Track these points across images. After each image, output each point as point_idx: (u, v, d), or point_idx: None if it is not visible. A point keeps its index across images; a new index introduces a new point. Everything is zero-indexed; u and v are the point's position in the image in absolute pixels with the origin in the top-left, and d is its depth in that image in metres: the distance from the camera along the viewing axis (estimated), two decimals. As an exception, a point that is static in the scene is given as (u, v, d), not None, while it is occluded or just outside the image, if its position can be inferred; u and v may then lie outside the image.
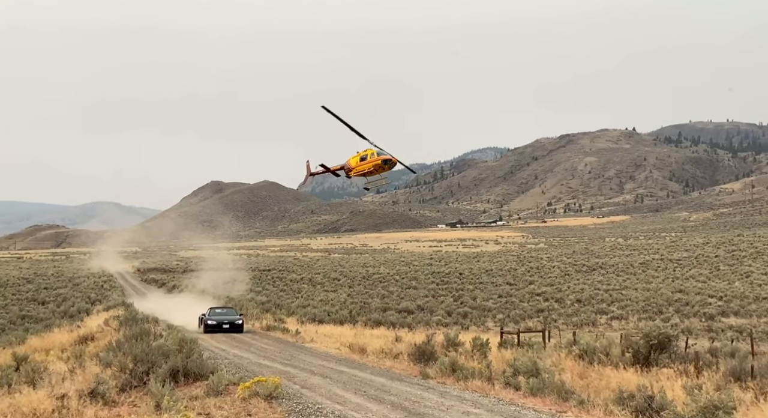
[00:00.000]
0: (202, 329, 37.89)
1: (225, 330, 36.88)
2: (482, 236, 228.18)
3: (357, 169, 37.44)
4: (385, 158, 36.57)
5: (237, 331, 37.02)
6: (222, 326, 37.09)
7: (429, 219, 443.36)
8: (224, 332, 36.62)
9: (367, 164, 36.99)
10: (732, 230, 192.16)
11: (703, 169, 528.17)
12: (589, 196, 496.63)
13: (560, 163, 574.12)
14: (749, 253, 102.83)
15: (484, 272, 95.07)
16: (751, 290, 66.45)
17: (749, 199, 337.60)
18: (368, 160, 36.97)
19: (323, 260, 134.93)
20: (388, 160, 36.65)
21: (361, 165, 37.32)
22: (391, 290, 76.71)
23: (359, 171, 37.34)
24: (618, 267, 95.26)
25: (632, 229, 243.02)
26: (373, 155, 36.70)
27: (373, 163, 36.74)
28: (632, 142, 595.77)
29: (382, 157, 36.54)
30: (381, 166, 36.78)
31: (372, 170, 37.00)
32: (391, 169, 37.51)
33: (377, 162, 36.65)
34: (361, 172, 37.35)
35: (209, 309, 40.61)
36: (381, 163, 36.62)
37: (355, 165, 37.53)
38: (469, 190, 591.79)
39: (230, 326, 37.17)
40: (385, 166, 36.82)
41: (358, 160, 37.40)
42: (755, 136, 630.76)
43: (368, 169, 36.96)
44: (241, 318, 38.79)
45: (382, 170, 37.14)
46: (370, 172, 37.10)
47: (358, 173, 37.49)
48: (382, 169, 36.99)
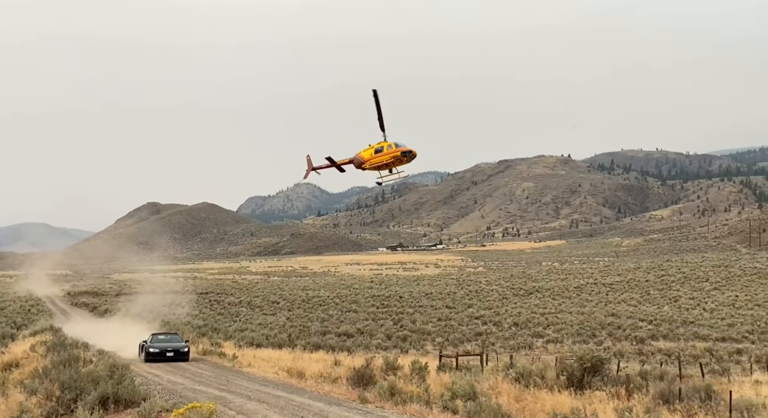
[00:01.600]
0: (142, 357, 35.38)
1: (169, 359, 34.14)
2: (422, 260, 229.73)
3: (372, 161, 35.09)
4: (405, 150, 34.56)
5: (182, 359, 34.42)
6: (165, 354, 34.41)
7: (370, 242, 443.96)
8: (168, 360, 33.98)
9: (384, 156, 34.80)
10: (661, 255, 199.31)
11: (634, 196, 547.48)
12: (527, 221, 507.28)
13: (499, 188, 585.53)
14: (677, 278, 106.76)
15: (423, 295, 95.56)
16: (679, 314, 68.88)
17: (677, 225, 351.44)
18: (385, 151, 34.79)
19: (262, 283, 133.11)
20: (408, 152, 34.63)
21: (377, 157, 35.03)
22: (331, 313, 76.18)
23: (375, 163, 35.05)
24: (554, 291, 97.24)
25: (567, 253, 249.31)
26: (391, 147, 34.67)
27: (391, 154, 34.64)
28: (568, 168, 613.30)
29: (401, 149, 34.57)
30: (399, 159, 34.77)
31: (389, 162, 34.89)
32: (410, 162, 35.33)
33: (396, 154, 34.61)
34: (376, 165, 35.11)
35: (151, 335, 37.76)
36: (400, 155, 34.60)
37: (369, 157, 35.20)
38: (410, 213, 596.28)
39: (175, 354, 34.52)
40: (404, 159, 34.82)
41: (373, 153, 35.15)
42: (683, 164, 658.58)
43: (386, 161, 34.82)
44: (187, 345, 36.14)
45: (400, 163, 35.05)
46: (387, 164, 35.02)
47: (374, 165, 35.16)
48: (400, 162, 34.94)
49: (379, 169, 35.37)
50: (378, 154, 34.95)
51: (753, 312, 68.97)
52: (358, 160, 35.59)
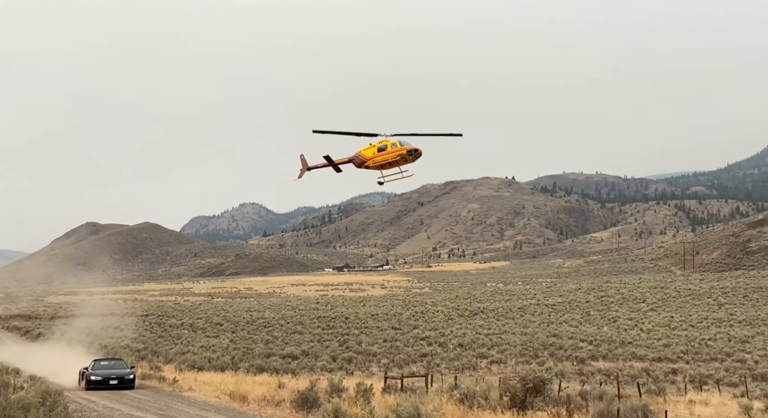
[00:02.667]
0: (83, 385, 33.22)
1: (113, 387, 32.03)
2: (369, 280, 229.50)
3: (375, 160, 34.07)
4: (411, 148, 33.60)
5: (127, 387, 32.44)
6: (108, 382, 32.35)
7: (316, 263, 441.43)
8: (112, 389, 31.95)
9: (388, 154, 33.85)
10: (601, 276, 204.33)
11: (575, 218, 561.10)
12: (472, 242, 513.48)
13: (445, 210, 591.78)
14: (616, 299, 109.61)
15: (369, 316, 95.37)
16: (618, 334, 70.60)
17: (616, 247, 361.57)
18: (389, 150, 33.86)
19: (206, 305, 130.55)
20: (414, 150, 33.68)
21: (381, 156, 34.02)
22: (276, 334, 75.22)
23: (378, 162, 34.05)
24: (498, 312, 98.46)
25: (512, 274, 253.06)
26: (395, 145, 33.73)
27: (397, 153, 33.67)
28: (512, 190, 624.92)
29: (407, 148, 33.60)
30: (405, 157, 33.74)
31: (394, 161, 33.93)
32: (415, 160, 34.33)
33: (402, 152, 33.62)
34: (379, 164, 34.10)
35: (93, 362, 35.34)
36: (406, 153, 33.59)
37: (372, 156, 34.21)
38: (357, 234, 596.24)
39: (119, 382, 32.50)
40: (410, 157, 33.82)
41: (375, 151, 34.17)
42: (621, 188, 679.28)
43: (390, 159, 33.84)
44: (133, 372, 34.22)
45: (405, 162, 33.99)
46: (391, 163, 34.01)
47: (377, 164, 34.14)
48: (405, 160, 33.90)
49: (383, 168, 34.49)
50: (381, 152, 34.13)
51: (687, 333, 71.25)
52: (359, 159, 34.71)
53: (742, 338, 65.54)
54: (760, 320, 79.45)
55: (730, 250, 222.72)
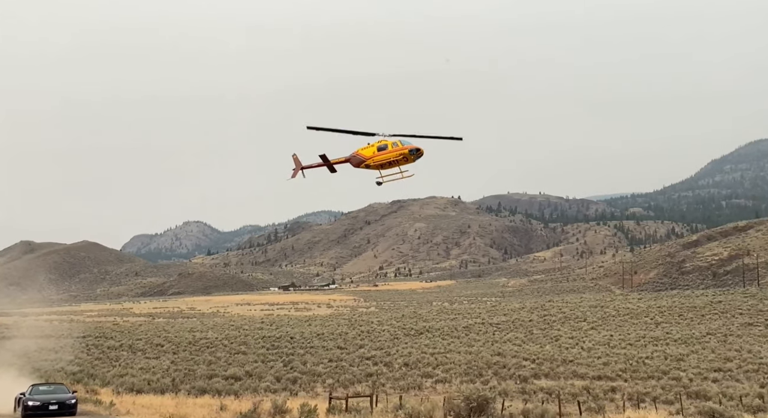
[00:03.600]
0: (20, 411, 31.78)
1: (53, 413, 30.66)
2: (315, 300, 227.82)
3: (375, 159, 33.35)
4: (413, 148, 32.96)
5: (69, 413, 31.09)
6: (48, 408, 30.88)
7: (261, 282, 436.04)
8: (52, 415, 30.62)
9: (389, 154, 33.13)
10: (544, 295, 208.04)
11: (519, 238, 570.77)
12: (419, 261, 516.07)
13: (392, 228, 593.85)
14: (558, 318, 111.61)
15: (315, 335, 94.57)
16: (560, 353, 71.87)
17: (558, 267, 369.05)
18: (390, 149, 33.14)
19: (146, 325, 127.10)
20: (416, 150, 33.04)
21: (381, 155, 33.29)
22: (219, 355, 73.79)
23: (378, 162, 33.34)
24: (443, 331, 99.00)
25: (457, 293, 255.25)
26: (396, 145, 33.09)
27: (398, 152, 32.96)
28: (458, 209, 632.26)
29: (409, 147, 32.95)
30: (406, 157, 33.09)
31: (395, 161, 33.26)
32: (416, 160, 33.67)
33: (403, 151, 32.94)
34: (379, 163, 33.40)
35: (31, 386, 33.73)
36: (407, 153, 32.93)
37: (372, 155, 33.50)
38: (303, 252, 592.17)
39: (59, 407, 30.99)
40: (411, 157, 33.19)
41: (375, 150, 33.49)
42: (563, 208, 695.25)
43: (392, 159, 33.14)
44: (74, 397, 32.64)
45: (406, 162, 33.32)
46: (391, 163, 33.35)
47: (377, 163, 33.40)
48: (406, 160, 33.24)
49: (382, 168, 33.87)
50: (382, 151, 33.53)
51: (626, 351, 73.07)
52: (357, 158, 34.11)
53: (677, 356, 67.58)
54: (695, 338, 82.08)
55: (666, 270, 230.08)
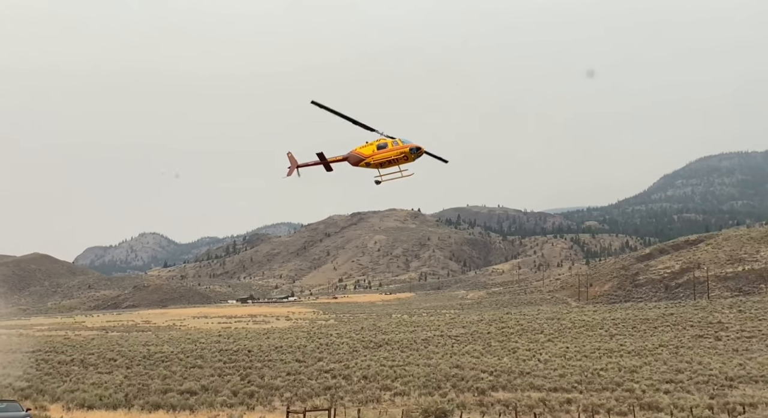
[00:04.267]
0: None
1: None
2: (273, 312, 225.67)
3: (375, 157, 32.86)
4: (414, 146, 32.59)
5: None
6: None
7: (219, 294, 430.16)
8: None
9: (390, 152, 32.68)
10: (502, 307, 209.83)
11: (478, 251, 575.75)
12: (378, 273, 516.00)
13: (352, 241, 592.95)
14: (516, 330, 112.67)
15: (273, 348, 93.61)
16: (517, 365, 72.52)
17: (516, 279, 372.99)
18: (390, 148, 32.69)
19: (99, 339, 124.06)
20: (416, 148, 32.64)
21: (382, 153, 32.82)
22: (174, 369, 72.42)
23: (378, 160, 32.86)
24: (402, 343, 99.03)
25: (416, 306, 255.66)
26: (396, 143, 32.72)
27: (399, 150, 32.52)
28: (417, 222, 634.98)
29: (409, 145, 32.60)
30: (407, 156, 32.67)
31: (395, 159, 32.85)
32: (416, 159, 33.33)
33: (404, 150, 32.50)
34: (379, 161, 32.92)
35: None
36: (408, 151, 32.51)
37: (371, 153, 33.02)
38: (262, 265, 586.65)
39: None
40: (411, 156, 32.80)
41: (375, 149, 33.02)
42: (521, 221, 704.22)
43: (392, 157, 32.72)
44: (28, 415, 31.94)
45: (405, 161, 32.96)
46: (391, 162, 32.91)
47: (377, 162, 32.91)
48: (406, 159, 32.85)
49: (381, 166, 33.44)
50: (382, 150, 33.13)
51: (581, 363, 74.11)
52: (355, 157, 33.68)
53: (630, 368, 68.81)
54: (647, 350, 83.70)
55: (620, 282, 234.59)
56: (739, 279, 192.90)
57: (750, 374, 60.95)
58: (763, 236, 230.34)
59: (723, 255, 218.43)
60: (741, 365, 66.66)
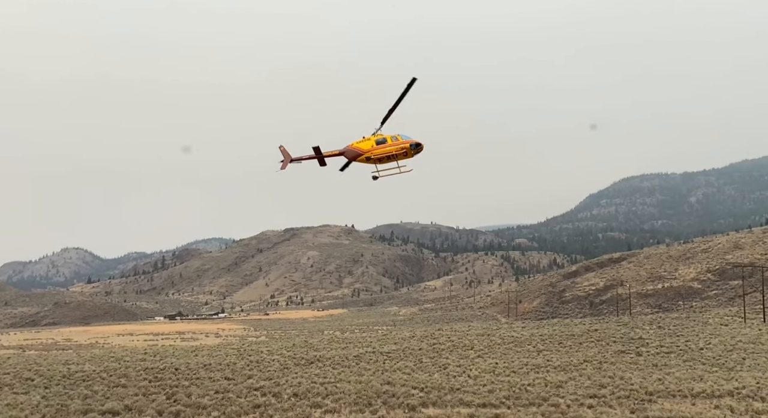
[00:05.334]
0: None
1: None
2: (203, 329, 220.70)
3: (375, 152, 32.62)
4: (414, 142, 32.72)
5: None
6: None
7: (146, 311, 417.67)
8: None
9: (390, 147, 32.66)
10: (434, 324, 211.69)
11: (411, 267, 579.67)
12: (311, 290, 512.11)
13: (284, 256, 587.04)
14: (447, 346, 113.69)
15: (201, 366, 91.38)
16: (447, 381, 73.13)
17: (448, 296, 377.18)
18: (390, 143, 32.65)
19: (15, 358, 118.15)
20: (416, 144, 32.79)
21: (381, 148, 32.69)
22: (96, 389, 69.74)
23: (378, 155, 32.60)
24: (334, 360, 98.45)
25: (349, 322, 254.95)
26: (395, 138, 32.68)
27: (399, 146, 32.64)
28: (351, 238, 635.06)
29: (410, 141, 32.74)
30: (406, 152, 32.78)
31: (394, 155, 32.72)
32: (415, 155, 33.23)
33: (404, 146, 32.68)
34: (379, 156, 32.63)
35: None
36: (409, 147, 32.68)
37: (370, 148, 32.70)
38: (192, 281, 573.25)
39: None
40: (411, 152, 32.89)
41: (374, 144, 32.72)
42: (453, 238, 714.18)
43: (393, 152, 32.64)
44: None
45: (405, 156, 32.99)
46: (390, 157, 32.77)
47: (377, 157, 32.62)
48: (405, 155, 32.90)
49: (380, 162, 33.24)
50: (381, 145, 33.02)
51: (509, 378, 75.37)
52: (353, 152, 33.28)
53: (557, 383, 70.42)
54: (573, 365, 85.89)
55: (548, 299, 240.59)
56: (658, 296, 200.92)
57: (668, 389, 63.41)
58: (681, 255, 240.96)
59: (644, 273, 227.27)
60: (660, 379, 69.22)
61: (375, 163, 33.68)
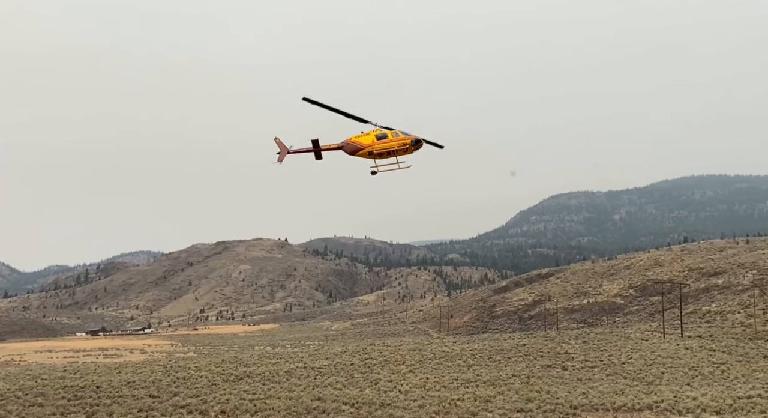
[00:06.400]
0: None
1: None
2: (127, 345, 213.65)
3: (376, 147, 32.40)
4: (415, 138, 32.71)
5: None
6: None
7: (67, 327, 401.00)
8: None
9: (391, 143, 32.47)
10: (366, 339, 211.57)
11: (344, 281, 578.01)
12: (242, 304, 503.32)
13: (215, 270, 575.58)
14: (379, 361, 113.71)
15: (125, 384, 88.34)
16: (378, 396, 73.22)
17: (381, 310, 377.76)
18: (391, 138, 32.44)
19: None
20: (417, 141, 32.81)
21: (382, 144, 32.50)
22: (10, 408, 66.54)
23: (379, 150, 32.37)
24: (264, 376, 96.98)
25: (280, 337, 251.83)
26: (396, 134, 32.43)
27: (401, 142, 32.47)
28: (284, 252, 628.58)
29: (411, 137, 32.61)
30: (407, 148, 32.65)
31: (395, 150, 32.56)
32: (414, 151, 33.19)
33: (405, 141, 32.53)
34: (380, 152, 32.44)
35: None
36: (410, 143, 32.59)
37: (371, 143, 32.47)
38: (117, 295, 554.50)
39: None
40: (411, 148, 32.80)
41: (375, 139, 32.50)
42: (387, 253, 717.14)
43: (395, 147, 32.47)
44: None
45: (405, 152, 32.83)
46: (390, 152, 32.54)
47: (378, 152, 32.36)
48: (405, 151, 32.76)
49: (380, 157, 33.01)
50: (382, 140, 32.83)
51: (440, 393, 76.06)
52: (353, 146, 32.99)
53: (485, 397, 71.50)
54: (501, 380, 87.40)
55: (479, 314, 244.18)
56: (584, 311, 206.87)
57: (592, 403, 65.27)
58: (605, 271, 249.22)
59: (571, 288, 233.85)
60: (584, 393, 71.19)
61: (375, 159, 33.81)
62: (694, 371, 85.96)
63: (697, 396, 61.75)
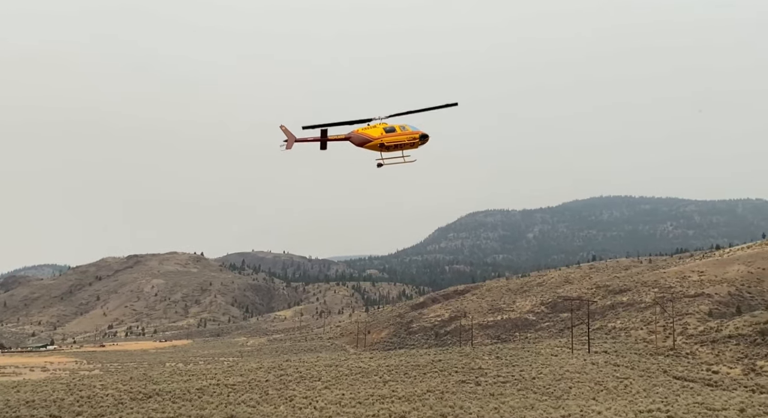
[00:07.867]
0: None
1: None
2: (27, 363, 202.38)
3: (385, 140, 32.72)
4: (423, 133, 33.28)
5: None
6: None
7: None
8: None
9: (401, 136, 32.98)
10: (282, 354, 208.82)
11: (261, 296, 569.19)
12: (154, 319, 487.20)
13: (126, 284, 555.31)
14: (294, 377, 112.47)
15: (23, 403, 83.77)
16: (293, 413, 72.45)
17: (298, 326, 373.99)
18: (399, 132, 32.85)
19: None
20: (424, 136, 33.46)
21: (392, 136, 32.92)
22: None
23: (389, 143, 32.73)
24: (175, 394, 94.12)
25: (193, 353, 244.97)
26: (404, 128, 32.93)
27: (410, 135, 33.03)
28: (200, 266, 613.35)
29: (419, 132, 33.13)
30: (414, 142, 33.32)
31: (402, 144, 33.06)
32: (420, 146, 34.02)
33: (414, 136, 33.13)
34: (390, 144, 32.80)
35: None
36: (418, 138, 33.35)
37: (380, 136, 32.78)
38: (18, 310, 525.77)
39: None
40: (418, 142, 33.49)
41: (383, 131, 32.81)
42: (306, 268, 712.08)
43: (402, 141, 33.01)
44: None
45: (412, 146, 33.40)
46: (397, 146, 33.02)
47: (388, 144, 32.70)
48: (412, 145, 33.35)
49: (387, 150, 33.23)
50: (391, 133, 33.12)
51: (355, 409, 76.02)
52: (361, 138, 33.13)
53: (400, 413, 72.01)
54: (416, 396, 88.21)
55: (396, 329, 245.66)
56: (498, 327, 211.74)
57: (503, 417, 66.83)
58: (518, 288, 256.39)
59: (485, 304, 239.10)
60: (496, 408, 72.81)
61: (381, 151, 34.08)
62: (599, 386, 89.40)
63: (602, 410, 64.27)
